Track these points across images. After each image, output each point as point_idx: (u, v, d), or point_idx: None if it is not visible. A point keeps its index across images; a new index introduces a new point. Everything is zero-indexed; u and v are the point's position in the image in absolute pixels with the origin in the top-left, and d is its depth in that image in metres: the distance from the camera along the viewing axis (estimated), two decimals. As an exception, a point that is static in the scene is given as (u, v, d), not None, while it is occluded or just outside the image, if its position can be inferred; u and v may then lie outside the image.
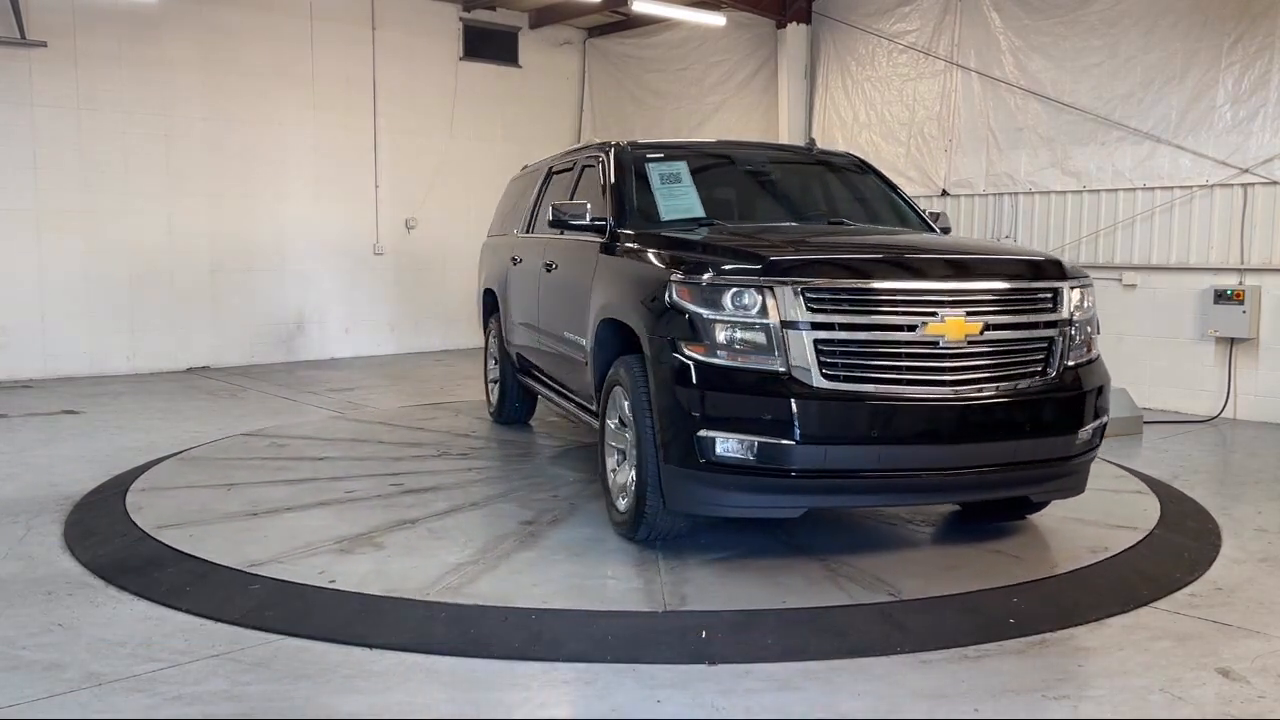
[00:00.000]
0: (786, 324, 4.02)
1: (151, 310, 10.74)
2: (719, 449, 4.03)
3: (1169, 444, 7.28)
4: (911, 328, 4.08)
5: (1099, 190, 9.06)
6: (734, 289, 4.09)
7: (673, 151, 5.74)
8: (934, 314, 4.09)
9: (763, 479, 4.06)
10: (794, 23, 11.18)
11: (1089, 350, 4.54)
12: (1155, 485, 5.92)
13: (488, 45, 13.10)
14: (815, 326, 4.03)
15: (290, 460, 6.34)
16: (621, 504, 4.71)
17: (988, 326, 4.17)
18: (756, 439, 3.99)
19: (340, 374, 10.78)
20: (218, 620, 3.83)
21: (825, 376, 4.01)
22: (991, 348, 4.19)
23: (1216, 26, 8.29)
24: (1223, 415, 8.32)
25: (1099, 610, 3.99)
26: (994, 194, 9.79)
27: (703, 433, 4.04)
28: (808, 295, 4.04)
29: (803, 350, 4.01)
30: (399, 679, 3.39)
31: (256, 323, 11.47)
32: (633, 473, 4.54)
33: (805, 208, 5.93)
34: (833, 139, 11.10)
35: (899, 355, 4.08)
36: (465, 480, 5.90)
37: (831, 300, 4.07)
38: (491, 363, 7.98)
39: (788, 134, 11.18)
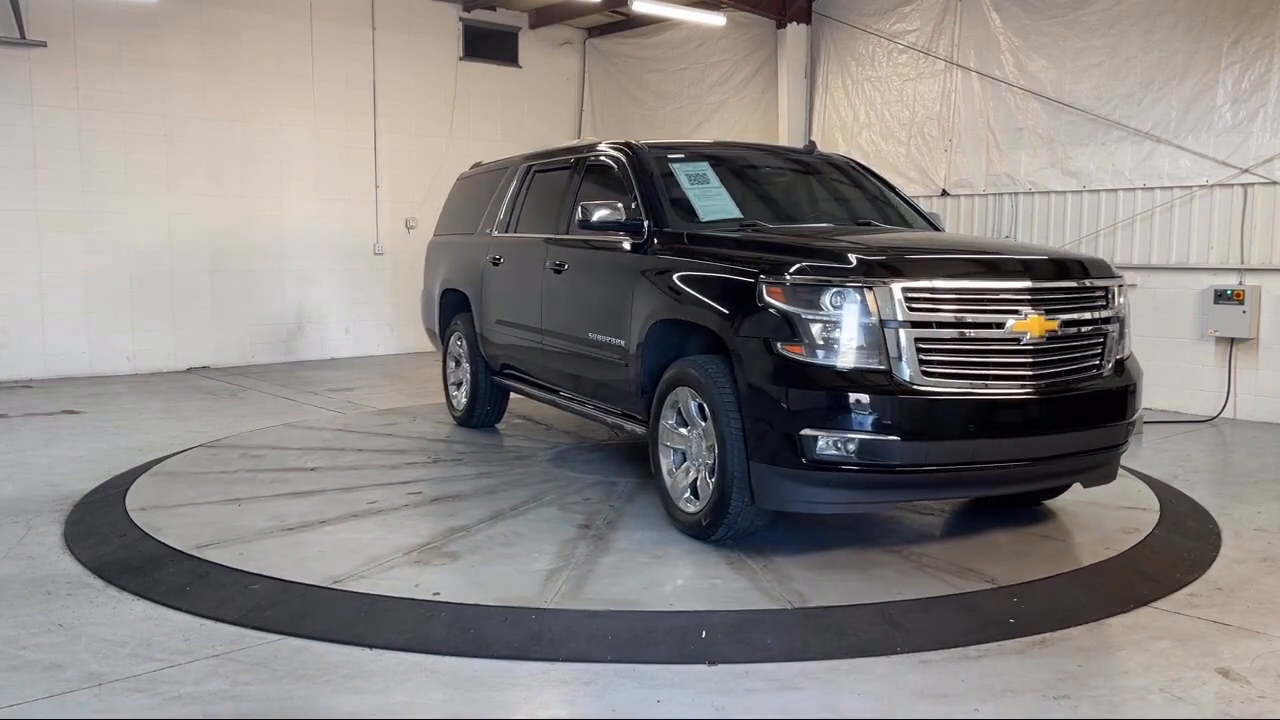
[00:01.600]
0: (886, 323, 4.09)
1: (151, 310, 10.75)
2: (820, 447, 4.06)
3: (1169, 444, 7.28)
4: (999, 325, 4.23)
5: (1099, 190, 9.06)
6: (834, 289, 4.14)
7: (692, 152, 5.78)
8: (1018, 312, 4.25)
9: (862, 475, 4.12)
10: (794, 23, 11.18)
11: (1127, 345, 4.80)
12: (1155, 485, 5.92)
13: (488, 45, 13.10)
14: (914, 325, 4.12)
15: (278, 472, 6.04)
16: (690, 506, 4.70)
17: (1063, 323, 4.37)
18: (860, 436, 4.04)
19: (340, 374, 10.78)
20: (218, 620, 3.83)
21: (924, 374, 4.11)
22: (1064, 343, 4.39)
23: (1216, 26, 8.29)
24: (1223, 415, 8.32)
25: (1099, 610, 3.99)
26: (994, 194, 9.79)
27: (805, 431, 4.07)
28: (907, 295, 4.13)
29: (902, 348, 4.09)
30: (399, 679, 3.39)
31: (256, 323, 11.47)
32: (696, 474, 4.65)
33: (825, 208, 5.97)
34: (833, 139, 11.11)
35: (988, 352, 4.23)
36: (484, 487, 5.73)
37: (929, 299, 4.18)
38: (452, 365, 7.75)
39: (788, 134, 11.18)
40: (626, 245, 5.27)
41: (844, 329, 4.11)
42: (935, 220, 6.06)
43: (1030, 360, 4.27)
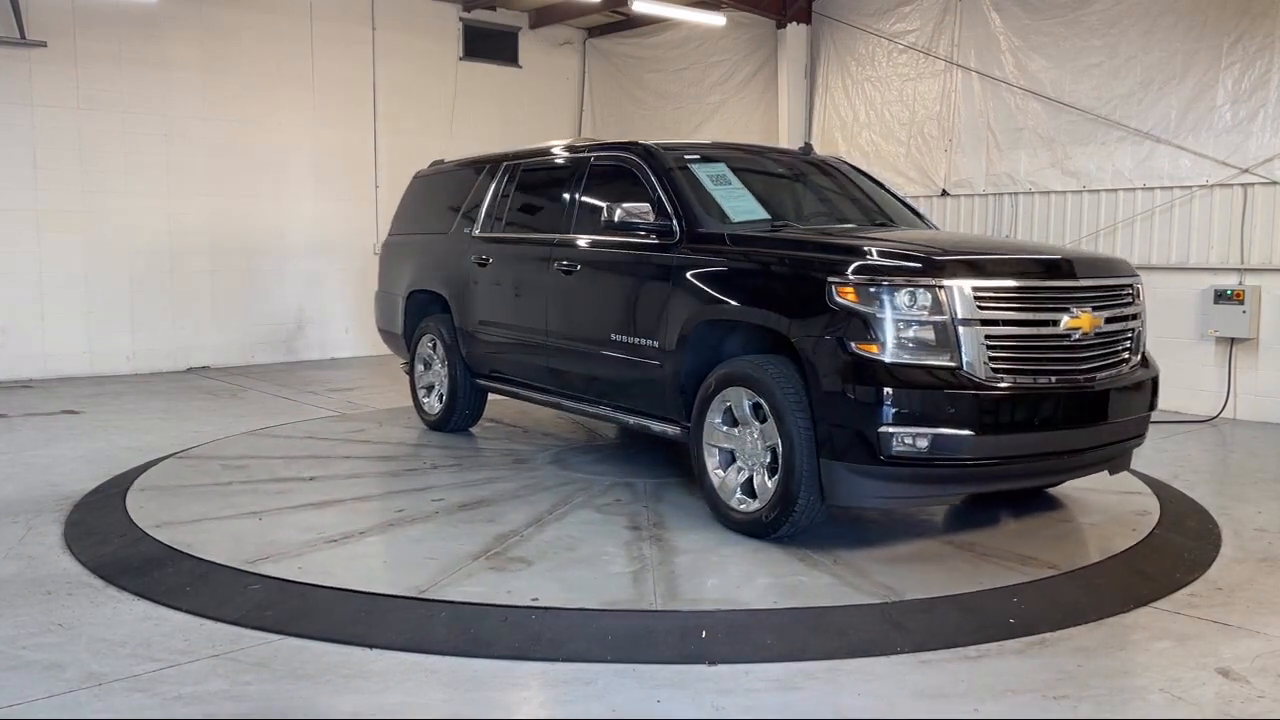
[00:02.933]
0: (958, 321, 4.23)
1: (151, 310, 10.75)
2: (896, 444, 4.17)
3: (1169, 444, 7.28)
4: (1056, 322, 4.43)
5: (1099, 190, 9.06)
6: (908, 289, 4.23)
7: (702, 153, 5.81)
8: (1070, 309, 4.47)
9: (935, 469, 4.27)
10: (794, 23, 11.18)
11: (1145, 341, 5.09)
12: (1155, 485, 5.92)
13: (488, 45, 13.10)
14: (984, 323, 4.27)
15: (276, 482, 5.79)
16: (746, 505, 4.74)
17: (1106, 319, 4.62)
18: (935, 432, 4.17)
19: (341, 374, 10.78)
20: (218, 620, 3.83)
21: (993, 370, 4.27)
22: (1105, 338, 4.64)
23: (1216, 26, 8.29)
24: (1223, 415, 8.32)
25: (1099, 610, 3.99)
26: (994, 194, 9.79)
27: (882, 429, 4.16)
28: (976, 293, 4.27)
29: (973, 346, 4.24)
30: (399, 679, 3.39)
31: (256, 323, 11.47)
32: (749, 473, 4.72)
33: (837, 208, 6.01)
34: (833, 139, 11.11)
35: (1045, 347, 4.44)
36: (505, 491, 5.59)
37: (996, 297, 4.34)
38: (421, 368, 7.52)
39: (788, 134, 11.18)
40: (653, 246, 5.26)
41: (918, 327, 4.23)
42: (928, 220, 6.24)
43: (1081, 355, 4.51)
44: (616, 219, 5.22)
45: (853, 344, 4.23)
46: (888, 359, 4.20)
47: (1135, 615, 3.99)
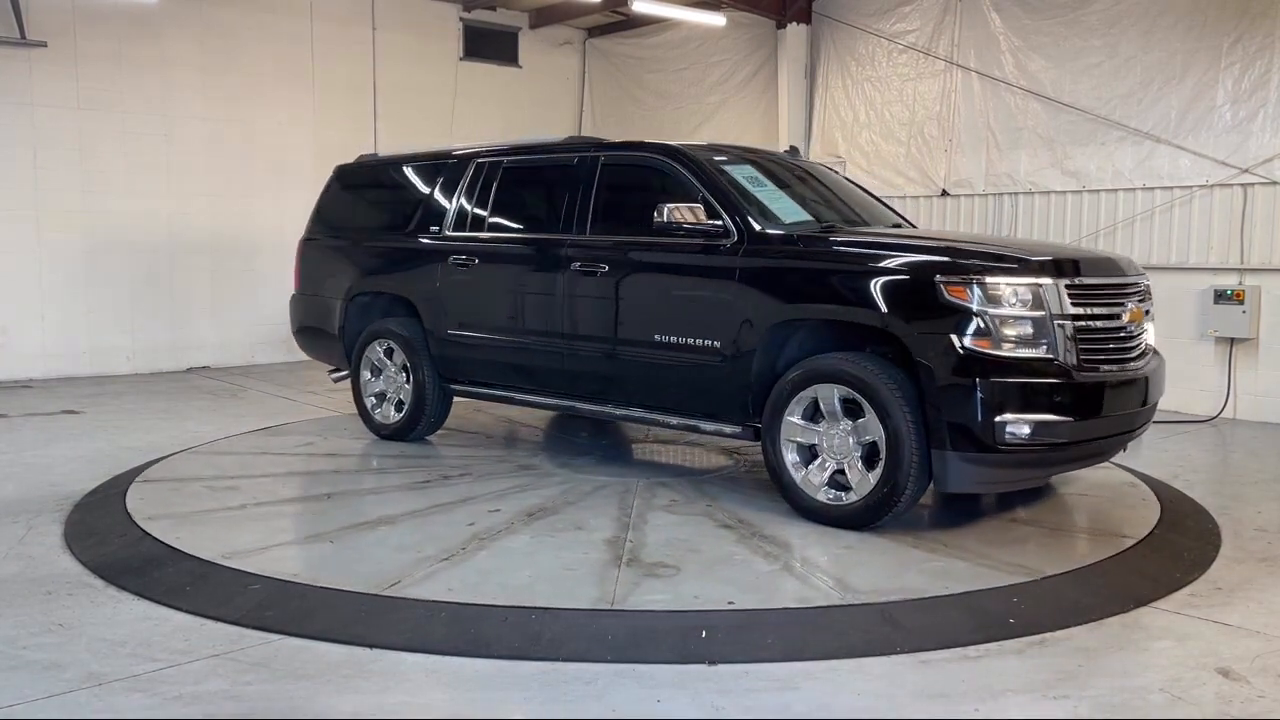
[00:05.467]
0: (1054, 316, 4.59)
1: (152, 310, 10.75)
2: (1009, 432, 4.49)
3: (1169, 444, 7.28)
4: (1119, 315, 4.91)
5: (1099, 190, 9.06)
6: (1012, 287, 4.57)
7: (727, 155, 5.93)
8: (1126, 304, 4.97)
9: (1034, 453, 4.63)
10: (794, 23, 11.18)
11: None
12: (1155, 485, 5.92)
13: (488, 45, 13.10)
14: (1073, 318, 4.66)
15: (293, 503, 5.47)
16: (835, 498, 4.90)
17: (1145, 313, 5.13)
18: (1041, 419, 4.53)
19: (340, 374, 10.75)
20: (218, 620, 3.83)
21: (1079, 360, 4.65)
22: (1140, 331, 5.10)
23: (1216, 26, 8.29)
24: (1223, 415, 8.32)
25: (1099, 610, 3.99)
26: (994, 194, 9.79)
27: (998, 418, 4.48)
28: (1069, 290, 4.66)
29: (1065, 339, 4.61)
30: (399, 679, 3.39)
31: (257, 323, 11.46)
32: (836, 466, 4.89)
33: (843, 210, 6.04)
34: (833, 139, 11.12)
35: (1112, 339, 4.87)
36: (556, 498, 5.43)
37: (1084, 294, 4.75)
38: (367, 375, 7.08)
39: (788, 134, 11.18)
40: (708, 248, 5.30)
41: (1025, 324, 4.56)
42: (909, 220, 6.69)
43: (1129, 345, 4.96)
44: (667, 219, 5.27)
45: (966, 340, 4.52)
46: (997, 353, 4.53)
47: (1135, 615, 3.99)
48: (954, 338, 4.52)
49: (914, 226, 6.32)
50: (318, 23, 11.62)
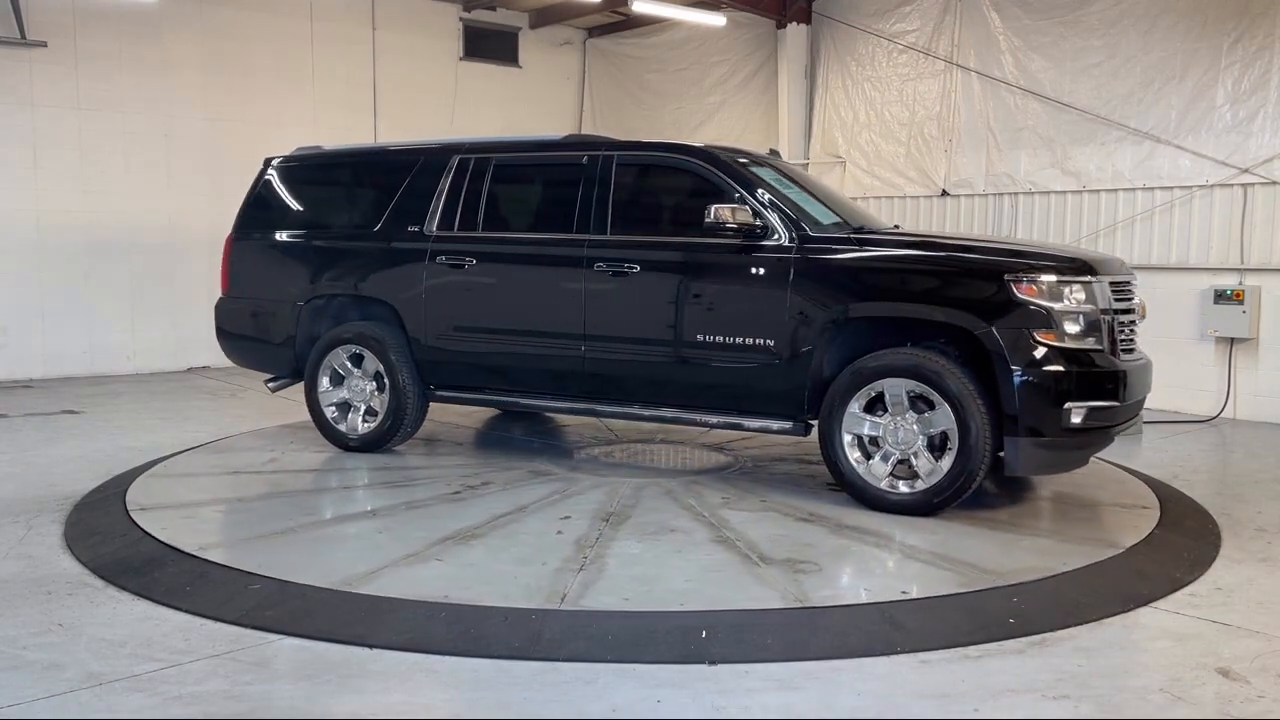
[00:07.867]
0: (1104, 311, 5.03)
1: (151, 310, 10.74)
2: (1074, 417, 4.88)
3: (1169, 444, 7.28)
4: (1132, 310, 5.39)
5: (1099, 190, 9.07)
6: (1078, 285, 4.99)
7: (751, 158, 6.03)
8: (1136, 298, 5.47)
9: (1088, 436, 5.02)
10: (794, 23, 11.19)
11: None
12: (1155, 485, 5.92)
13: (488, 45, 13.10)
14: (1116, 312, 5.12)
15: (343, 522, 5.01)
16: (902, 487, 5.13)
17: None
18: (1099, 404, 4.95)
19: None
20: (218, 620, 3.83)
21: (1119, 350, 5.11)
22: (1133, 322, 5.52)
23: (1216, 26, 8.29)
24: (1223, 415, 8.32)
25: (1099, 610, 3.99)
26: (994, 194, 9.79)
27: (1068, 405, 4.87)
28: (1114, 287, 5.15)
29: (1108, 331, 5.05)
30: (399, 679, 3.39)
31: (256, 323, 11.44)
32: (901, 456, 5.13)
33: (846, 211, 6.07)
34: (833, 139, 11.12)
35: (1127, 331, 5.30)
36: (616, 502, 5.33)
37: (1120, 290, 5.24)
38: (326, 383, 6.60)
39: (788, 134, 11.19)
40: (758, 248, 5.39)
41: (1085, 318, 4.98)
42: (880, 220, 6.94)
43: (1131, 336, 5.37)
44: (720, 221, 5.35)
45: (1037, 334, 4.88)
46: (1066, 345, 4.91)
47: (1135, 615, 3.99)
48: (1028, 332, 4.87)
49: (898, 227, 6.60)
50: (318, 22, 11.62)
